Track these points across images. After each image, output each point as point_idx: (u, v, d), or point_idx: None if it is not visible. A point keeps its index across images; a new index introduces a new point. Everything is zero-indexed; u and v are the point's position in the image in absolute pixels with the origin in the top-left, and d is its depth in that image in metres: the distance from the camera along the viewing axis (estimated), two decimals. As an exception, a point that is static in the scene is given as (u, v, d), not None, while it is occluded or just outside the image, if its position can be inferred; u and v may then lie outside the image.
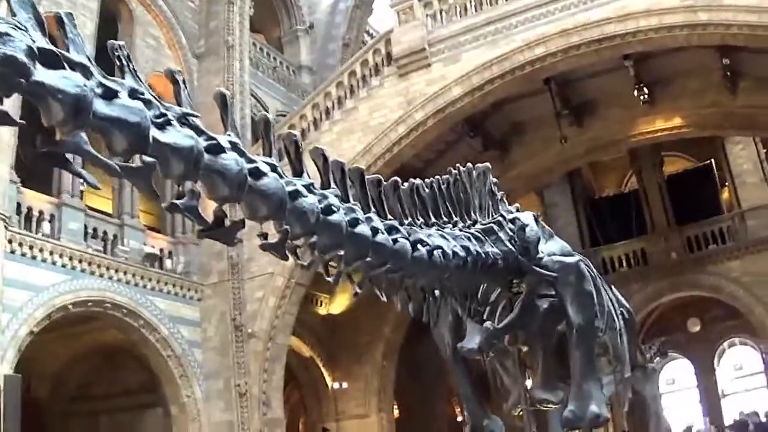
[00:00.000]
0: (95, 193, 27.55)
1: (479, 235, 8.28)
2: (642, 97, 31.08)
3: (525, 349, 9.76)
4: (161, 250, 27.95)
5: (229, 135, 5.15)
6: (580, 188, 43.18)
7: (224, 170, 4.95)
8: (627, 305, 12.58)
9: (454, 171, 8.59)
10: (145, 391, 29.08)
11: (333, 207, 5.99)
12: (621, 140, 34.70)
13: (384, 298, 7.22)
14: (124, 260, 25.87)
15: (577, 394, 9.08)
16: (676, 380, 42.00)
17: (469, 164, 8.90)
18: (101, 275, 24.87)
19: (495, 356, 10.19)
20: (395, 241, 6.74)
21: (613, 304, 11.09)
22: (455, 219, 8.27)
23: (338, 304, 34.81)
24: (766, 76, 29.82)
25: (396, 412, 36.96)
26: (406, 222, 7.25)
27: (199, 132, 4.85)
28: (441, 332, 9.76)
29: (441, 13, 28.23)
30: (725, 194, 41.25)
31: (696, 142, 39.44)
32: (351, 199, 6.41)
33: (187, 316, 27.74)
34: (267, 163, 5.40)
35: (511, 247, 8.57)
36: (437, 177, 8.29)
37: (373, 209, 6.75)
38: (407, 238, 6.95)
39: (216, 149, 4.93)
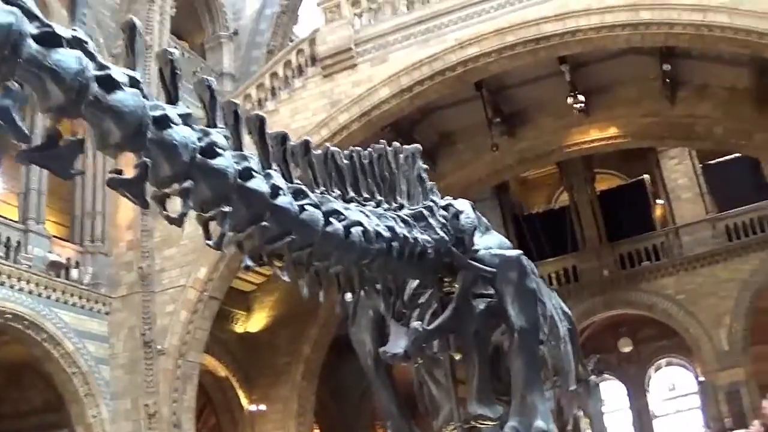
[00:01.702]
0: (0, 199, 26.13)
1: (407, 219, 6.92)
2: (577, 105, 30.00)
3: (458, 357, 8.35)
4: (68, 259, 26.36)
5: (75, 30, 3.76)
6: (509, 204, 42.25)
7: (57, 68, 3.55)
8: (569, 313, 11.32)
9: (377, 146, 7.23)
10: (51, 411, 27.47)
11: (217, 148, 4.50)
12: (554, 150, 33.70)
13: (286, 279, 5.70)
14: (27, 268, 24.27)
15: (519, 408, 7.77)
16: (606, 402, 41.20)
17: (396, 143, 7.64)
18: (2, 283, 23.35)
19: (423, 365, 8.81)
20: (302, 208, 5.27)
21: (556, 311, 9.84)
22: (378, 198, 6.88)
23: (255, 321, 33.54)
24: (705, 84, 29.26)
25: (317, 437, 35.95)
26: (317, 190, 5.80)
27: (31, 16, 3.48)
28: (361, 336, 8.47)
29: (370, 11, 27.15)
30: (658, 210, 40.76)
31: (629, 159, 39.31)
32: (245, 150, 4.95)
33: (94, 330, 26.15)
34: (127, 74, 3.97)
35: (443, 234, 7.26)
36: (357, 148, 6.91)
37: (275, 169, 5.29)
38: (318, 207, 5.48)
39: (49, 40, 3.55)
